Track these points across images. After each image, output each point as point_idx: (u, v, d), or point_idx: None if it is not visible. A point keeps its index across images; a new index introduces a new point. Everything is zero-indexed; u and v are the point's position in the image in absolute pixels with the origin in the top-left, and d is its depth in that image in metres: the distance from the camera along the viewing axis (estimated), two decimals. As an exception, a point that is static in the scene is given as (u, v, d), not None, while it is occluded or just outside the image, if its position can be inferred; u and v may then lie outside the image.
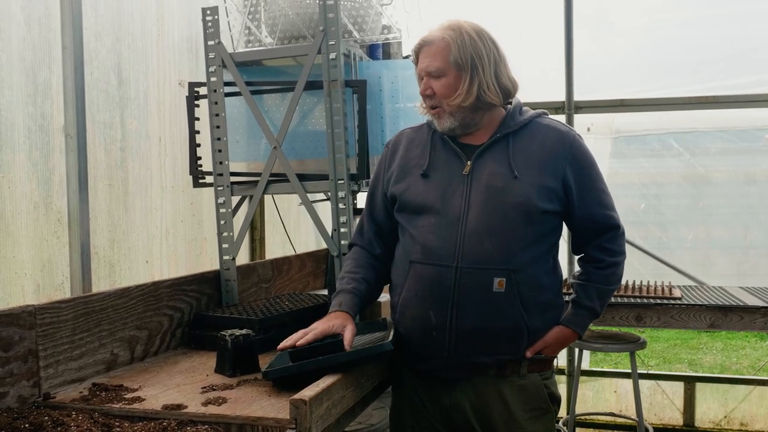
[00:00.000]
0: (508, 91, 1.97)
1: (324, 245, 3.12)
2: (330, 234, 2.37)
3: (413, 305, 1.93)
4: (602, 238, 2.00)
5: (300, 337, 1.79)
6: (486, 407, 1.94)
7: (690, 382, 4.65)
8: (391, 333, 1.89)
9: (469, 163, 1.94)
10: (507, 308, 1.88)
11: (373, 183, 2.12)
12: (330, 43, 2.28)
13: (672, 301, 3.31)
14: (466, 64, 1.90)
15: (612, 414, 4.44)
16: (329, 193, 2.36)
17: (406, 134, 2.10)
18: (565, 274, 2.12)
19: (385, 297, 2.39)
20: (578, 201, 1.95)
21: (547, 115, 2.07)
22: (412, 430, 2.03)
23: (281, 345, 1.80)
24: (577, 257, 2.10)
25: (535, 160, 1.92)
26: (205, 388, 1.75)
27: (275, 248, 3.84)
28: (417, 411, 2.02)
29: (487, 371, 1.93)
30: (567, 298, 2.06)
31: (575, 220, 1.99)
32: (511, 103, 2.01)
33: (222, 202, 2.48)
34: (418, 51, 1.97)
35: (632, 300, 3.36)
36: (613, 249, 2.01)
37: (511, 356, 1.94)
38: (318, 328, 1.82)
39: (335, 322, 1.86)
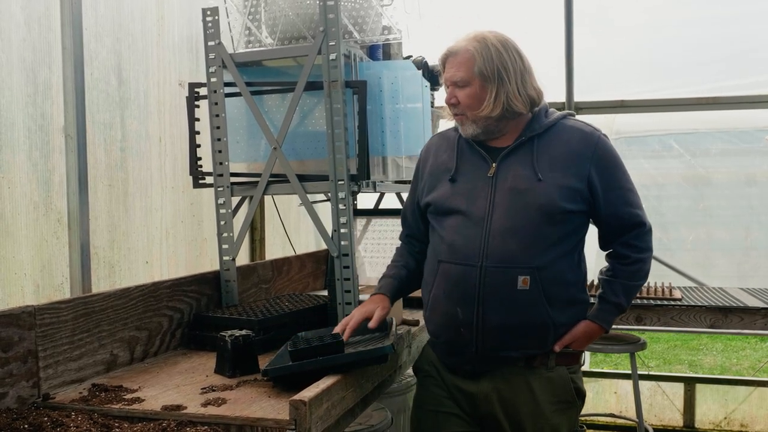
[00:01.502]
0: (533, 100, 2.02)
1: (324, 246, 3.12)
2: (330, 235, 2.37)
3: (442, 302, 2.02)
4: (628, 234, 2.04)
5: (344, 327, 1.95)
6: (513, 397, 1.99)
7: (690, 383, 4.64)
8: (392, 335, 1.89)
9: (494, 165, 2.01)
10: (532, 305, 1.93)
11: (410, 190, 2.24)
12: (330, 43, 2.28)
13: (672, 302, 3.31)
14: (492, 75, 1.95)
15: (612, 415, 4.44)
16: (329, 194, 2.35)
17: (434, 142, 2.21)
18: (591, 274, 2.16)
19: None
20: (604, 200, 1.99)
21: (574, 116, 2.11)
22: (435, 416, 2.07)
23: (338, 329, 1.97)
24: (604, 253, 2.15)
25: (559, 162, 1.97)
26: (204, 388, 1.75)
27: (275, 249, 3.84)
28: (440, 398, 2.08)
29: (515, 363, 2.00)
30: (593, 293, 2.11)
31: (601, 218, 2.03)
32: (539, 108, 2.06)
33: (222, 202, 2.48)
34: (444, 61, 2.04)
35: (632, 301, 3.35)
36: (639, 246, 2.05)
37: (538, 350, 1.99)
38: (355, 315, 1.99)
39: (369, 306, 2.03)
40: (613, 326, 3.57)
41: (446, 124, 3.79)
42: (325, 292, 2.47)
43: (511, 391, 1.99)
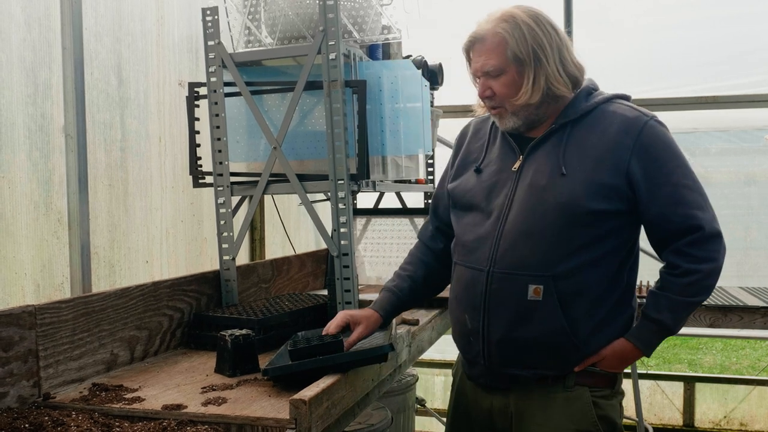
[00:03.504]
0: (576, 79, 1.78)
1: (324, 245, 3.12)
2: (330, 234, 2.37)
3: (454, 307, 1.89)
4: (680, 240, 1.72)
5: (327, 329, 1.81)
6: (526, 417, 1.81)
7: (689, 382, 4.65)
8: (392, 334, 1.89)
9: (521, 157, 1.80)
10: (544, 319, 1.71)
11: (441, 177, 2.06)
12: (330, 43, 2.28)
13: (672, 302, 3.31)
14: (528, 58, 1.72)
15: (612, 414, 4.44)
16: (329, 194, 2.35)
17: (473, 124, 2.01)
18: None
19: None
20: (647, 198, 1.70)
21: (626, 98, 1.86)
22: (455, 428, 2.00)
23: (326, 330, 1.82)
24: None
25: (591, 154, 1.72)
26: (204, 388, 1.75)
27: (275, 248, 3.84)
28: (463, 410, 1.97)
29: (527, 384, 1.80)
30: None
31: (646, 219, 1.75)
32: (580, 88, 1.83)
33: (222, 202, 2.48)
34: (469, 49, 1.81)
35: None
36: (695, 254, 1.70)
37: (554, 372, 1.77)
38: (338, 319, 1.83)
39: (357, 316, 1.84)
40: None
41: (445, 124, 3.79)
42: (325, 292, 2.47)
43: (524, 410, 1.80)
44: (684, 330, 1.91)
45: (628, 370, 4.22)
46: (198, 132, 2.56)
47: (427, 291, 2.04)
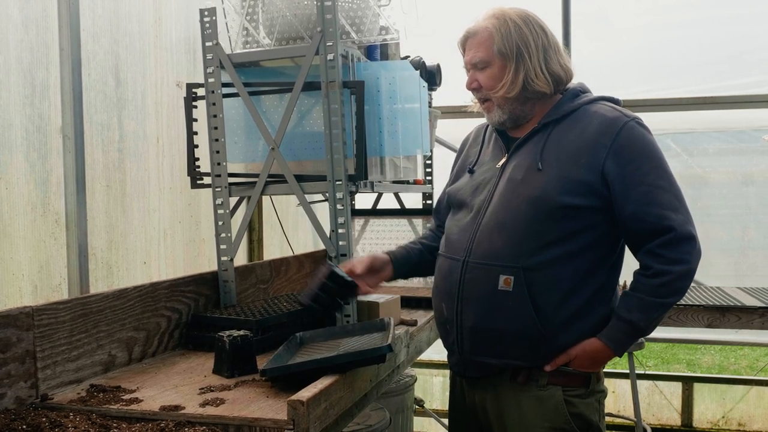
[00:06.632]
0: (559, 79, 1.84)
1: (322, 246, 3.11)
2: (328, 235, 2.37)
3: (434, 297, 1.97)
4: (653, 242, 1.74)
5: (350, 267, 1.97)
6: (503, 413, 1.86)
7: (688, 382, 4.65)
8: (390, 334, 1.89)
9: (506, 155, 1.88)
10: (513, 309, 1.76)
11: (446, 184, 2.16)
12: (328, 44, 2.28)
13: (670, 302, 3.31)
14: (510, 53, 1.80)
15: (610, 414, 4.44)
16: (327, 194, 2.35)
17: (473, 132, 2.12)
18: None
19: (383, 298, 2.39)
20: (621, 198, 1.74)
21: (613, 101, 1.90)
22: (455, 422, 2.06)
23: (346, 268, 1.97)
24: None
25: (568, 151, 1.77)
26: (203, 389, 1.75)
27: (273, 249, 3.84)
28: (455, 404, 2.05)
29: (501, 375, 1.85)
30: None
31: (620, 220, 1.77)
32: (568, 90, 1.89)
33: (220, 203, 2.48)
34: (463, 43, 1.90)
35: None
36: (667, 256, 1.73)
37: (523, 363, 1.81)
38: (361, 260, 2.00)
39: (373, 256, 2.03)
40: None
41: (443, 124, 3.79)
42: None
43: (501, 407, 1.86)
44: (681, 334, 1.94)
45: (626, 370, 4.25)
46: (196, 133, 2.55)
47: (426, 261, 2.11)
